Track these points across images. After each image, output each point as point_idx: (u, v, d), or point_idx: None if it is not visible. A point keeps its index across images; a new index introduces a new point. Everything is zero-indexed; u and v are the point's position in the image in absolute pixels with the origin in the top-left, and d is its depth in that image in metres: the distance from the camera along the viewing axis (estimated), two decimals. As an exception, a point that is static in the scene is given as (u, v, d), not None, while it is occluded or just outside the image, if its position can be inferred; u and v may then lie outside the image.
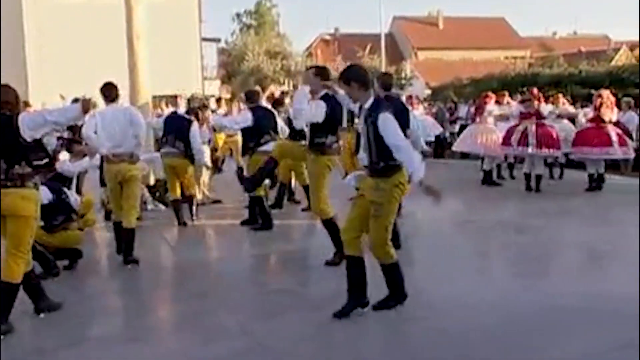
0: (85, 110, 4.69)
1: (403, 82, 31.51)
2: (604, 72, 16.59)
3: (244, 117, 8.17)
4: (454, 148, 12.67)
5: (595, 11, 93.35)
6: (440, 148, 16.52)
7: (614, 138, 9.65)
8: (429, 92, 27.89)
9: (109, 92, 6.53)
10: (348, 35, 46.91)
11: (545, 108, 10.53)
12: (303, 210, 9.00)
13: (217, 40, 35.94)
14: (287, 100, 10.71)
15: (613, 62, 26.61)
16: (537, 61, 30.25)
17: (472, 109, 13.19)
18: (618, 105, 11.30)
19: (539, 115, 10.21)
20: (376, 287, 4.68)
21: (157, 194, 9.54)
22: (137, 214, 6.77)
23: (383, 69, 28.04)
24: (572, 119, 11.14)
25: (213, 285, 5.78)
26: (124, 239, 6.51)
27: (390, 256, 4.66)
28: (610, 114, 9.84)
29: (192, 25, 29.46)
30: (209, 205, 9.55)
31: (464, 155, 13.54)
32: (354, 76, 4.52)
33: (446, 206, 6.56)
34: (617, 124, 10.61)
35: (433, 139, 14.77)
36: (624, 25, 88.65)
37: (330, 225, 6.00)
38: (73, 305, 5.04)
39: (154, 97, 10.58)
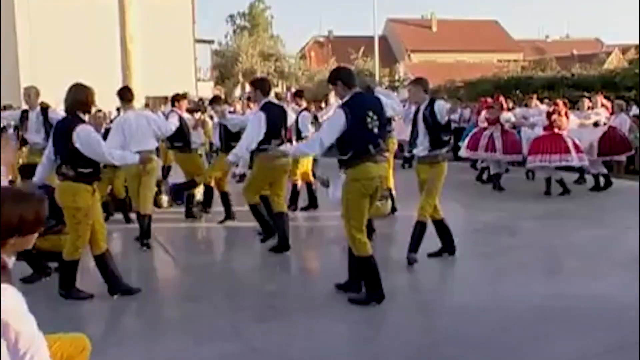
0: (143, 162, 5.77)
1: (397, 84, 31.56)
2: (597, 76, 16.64)
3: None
4: (460, 153, 12.87)
5: (587, 14, 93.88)
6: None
7: (570, 145, 9.72)
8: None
9: (126, 95, 7.19)
10: (341, 37, 47.00)
11: (505, 116, 10.81)
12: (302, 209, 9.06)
13: (211, 42, 35.92)
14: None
15: (605, 65, 26.76)
16: (530, 64, 30.35)
17: (475, 114, 13.23)
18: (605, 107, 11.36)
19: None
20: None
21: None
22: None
23: (377, 71, 28.09)
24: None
25: (205, 287, 5.75)
26: (143, 224, 7.09)
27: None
28: (566, 122, 9.90)
29: (186, 27, 29.48)
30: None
31: (459, 157, 13.54)
32: (340, 76, 4.94)
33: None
34: (611, 128, 10.66)
35: None
36: (616, 29, 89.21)
37: (255, 210, 7.05)
38: (61, 307, 5.01)
39: (147, 98, 10.56)
